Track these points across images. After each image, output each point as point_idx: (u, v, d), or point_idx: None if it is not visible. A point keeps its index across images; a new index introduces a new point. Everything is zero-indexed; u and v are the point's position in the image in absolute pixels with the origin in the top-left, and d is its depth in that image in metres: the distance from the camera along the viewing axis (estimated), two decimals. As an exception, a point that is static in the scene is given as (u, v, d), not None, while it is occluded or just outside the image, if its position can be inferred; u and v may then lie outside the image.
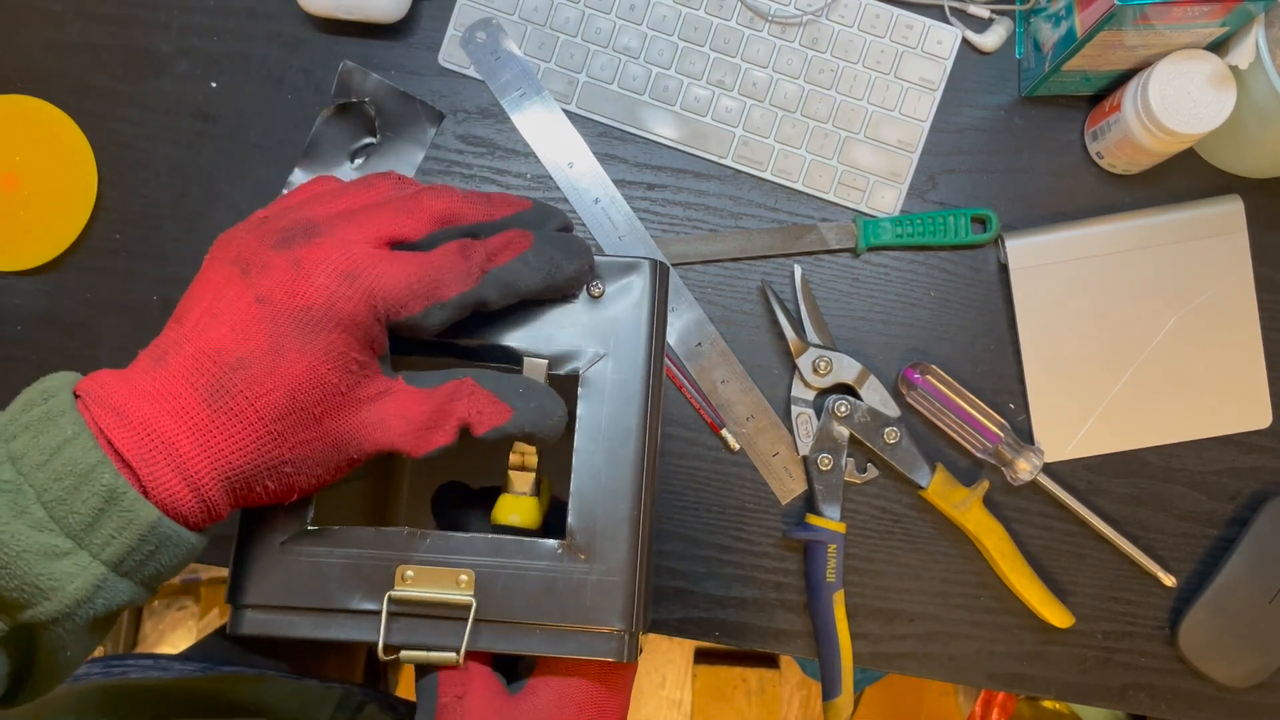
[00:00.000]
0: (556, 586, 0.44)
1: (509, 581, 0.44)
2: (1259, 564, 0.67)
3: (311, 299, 0.38)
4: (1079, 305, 0.68)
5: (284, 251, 0.39)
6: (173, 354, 0.38)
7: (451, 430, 0.42)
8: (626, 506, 0.45)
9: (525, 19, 0.70)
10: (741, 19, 0.70)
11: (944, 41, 0.70)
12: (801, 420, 0.68)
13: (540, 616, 0.44)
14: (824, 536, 0.66)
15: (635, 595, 0.44)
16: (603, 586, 0.44)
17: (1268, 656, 0.67)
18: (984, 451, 0.67)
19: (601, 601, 0.44)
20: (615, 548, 0.44)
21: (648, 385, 0.46)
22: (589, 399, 0.46)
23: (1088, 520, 0.68)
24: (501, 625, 0.44)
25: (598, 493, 0.45)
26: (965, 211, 0.69)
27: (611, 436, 0.45)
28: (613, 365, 0.46)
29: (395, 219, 0.42)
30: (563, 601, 0.44)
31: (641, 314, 0.47)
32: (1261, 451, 0.69)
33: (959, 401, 0.67)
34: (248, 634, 0.44)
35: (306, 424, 0.39)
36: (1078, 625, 0.68)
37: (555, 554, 0.44)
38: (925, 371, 0.67)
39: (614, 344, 0.46)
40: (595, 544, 0.44)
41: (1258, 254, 0.69)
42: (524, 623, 0.44)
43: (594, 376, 0.46)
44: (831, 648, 0.66)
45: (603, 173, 0.70)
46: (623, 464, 0.45)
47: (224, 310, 0.39)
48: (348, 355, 0.39)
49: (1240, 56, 0.61)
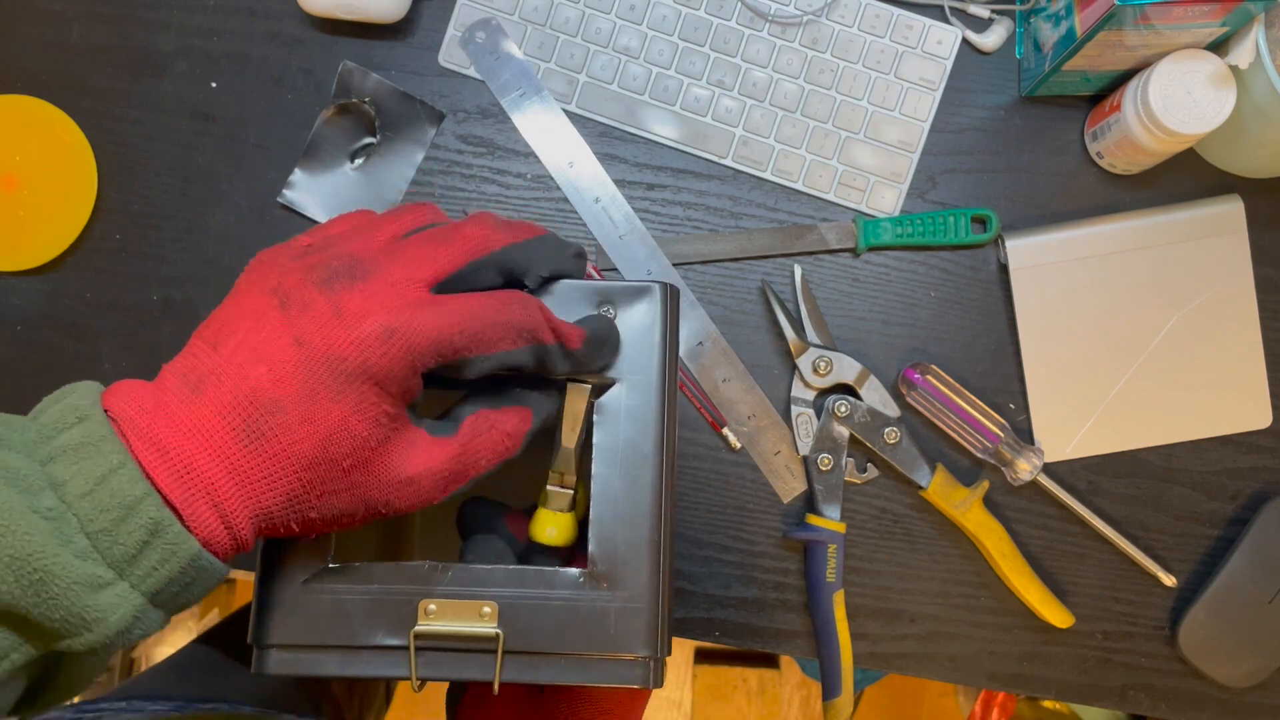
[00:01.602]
0: (580, 615, 0.44)
1: (532, 612, 0.44)
2: (1259, 564, 0.67)
3: (348, 351, 0.38)
4: (1079, 305, 0.68)
5: (326, 293, 0.39)
6: (211, 387, 0.38)
7: (478, 471, 0.42)
8: (646, 531, 0.45)
9: (525, 19, 0.70)
10: (741, 19, 0.70)
11: (944, 41, 0.70)
12: (802, 420, 0.68)
13: (565, 646, 0.43)
14: (824, 536, 0.66)
15: (659, 621, 0.44)
16: (626, 614, 0.44)
17: (1268, 656, 0.67)
18: (984, 451, 0.67)
19: (626, 629, 0.43)
20: (637, 574, 0.44)
21: (663, 409, 0.46)
22: (604, 425, 0.46)
23: (1088, 520, 0.68)
24: (526, 655, 0.44)
25: (617, 519, 0.45)
26: (965, 211, 0.69)
27: (629, 462, 0.45)
28: (626, 390, 0.46)
29: (436, 251, 0.41)
30: (587, 630, 0.43)
31: (654, 338, 0.46)
32: (1261, 451, 0.69)
33: (959, 401, 0.67)
34: (274, 674, 0.44)
35: (335, 475, 0.39)
36: (1078, 625, 0.68)
37: (577, 583, 0.44)
38: (925, 371, 0.67)
39: (626, 369, 0.46)
40: (617, 571, 0.44)
41: (1258, 254, 0.69)
42: (549, 652, 0.44)
43: (608, 403, 0.46)
44: (831, 647, 0.66)
45: (603, 172, 0.70)
46: (641, 489, 0.45)
47: (263, 346, 0.38)
48: (379, 408, 0.39)
49: (1240, 56, 0.61)
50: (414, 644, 0.43)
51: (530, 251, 0.44)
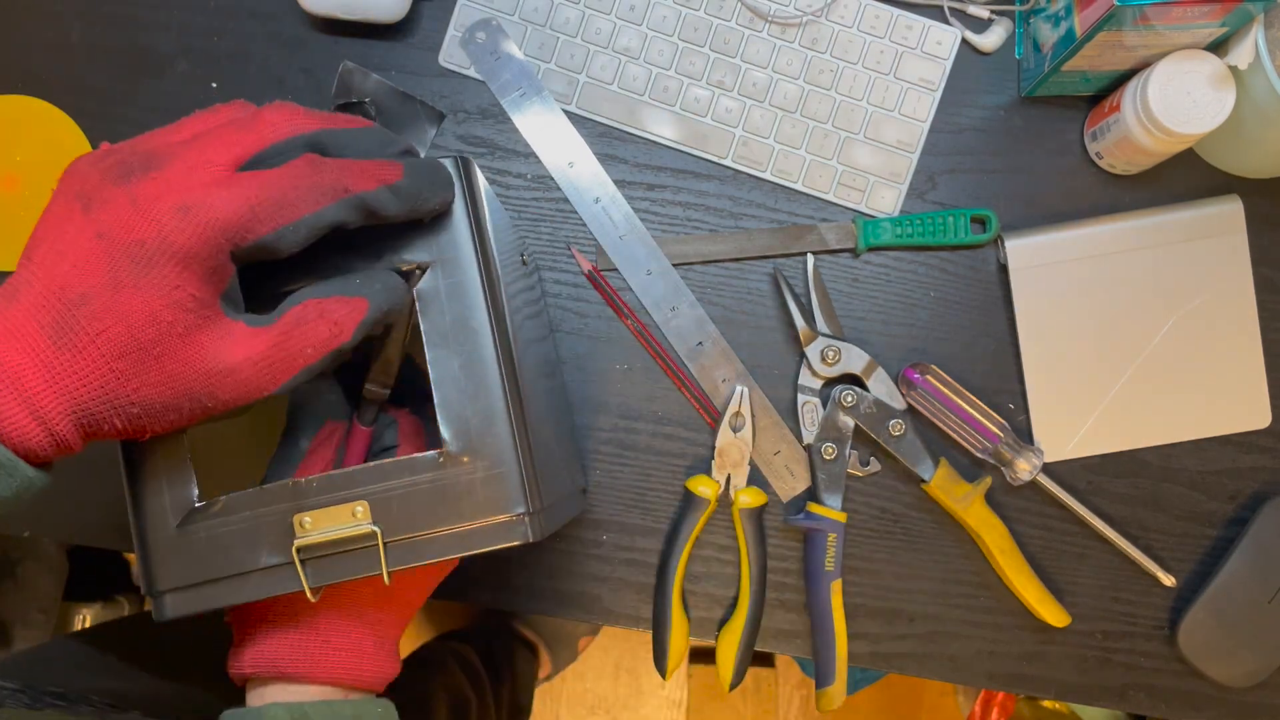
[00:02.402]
0: (448, 492, 0.45)
1: (402, 501, 0.45)
2: (1258, 564, 0.67)
3: (145, 234, 0.39)
4: (1079, 305, 0.68)
5: (123, 186, 0.39)
6: (23, 291, 0.39)
7: (305, 360, 0.42)
8: (495, 401, 0.45)
9: (525, 19, 0.70)
10: (741, 19, 0.70)
11: (943, 42, 0.70)
12: (807, 409, 0.68)
13: (442, 523, 0.45)
14: (825, 525, 0.66)
15: (526, 478, 0.45)
16: (491, 480, 0.45)
17: (1267, 656, 0.67)
18: (984, 451, 0.67)
19: (496, 494, 0.45)
20: (494, 441, 0.45)
21: (482, 280, 0.46)
22: (428, 311, 0.46)
23: (1087, 520, 0.68)
24: (408, 541, 0.45)
25: (462, 396, 0.45)
26: (965, 212, 0.69)
27: (461, 340, 0.46)
28: (442, 271, 0.46)
29: (235, 136, 0.41)
30: (459, 504, 0.45)
31: (457, 212, 0.46)
32: (1261, 451, 0.69)
33: (959, 401, 0.67)
34: (173, 617, 0.45)
35: (147, 364, 0.39)
36: (1078, 625, 0.69)
37: (438, 464, 0.45)
38: (925, 371, 0.67)
39: (438, 250, 0.46)
40: (474, 444, 0.45)
41: (1257, 254, 0.69)
42: (428, 534, 0.45)
43: (426, 289, 0.46)
44: (827, 635, 0.66)
45: (603, 173, 0.70)
46: (480, 363, 0.45)
47: (67, 247, 0.39)
48: (183, 291, 0.39)
49: (1240, 57, 0.61)
50: (298, 558, 0.44)
51: (345, 139, 0.44)
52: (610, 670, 1.38)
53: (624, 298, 0.69)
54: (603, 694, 1.38)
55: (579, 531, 0.69)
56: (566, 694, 1.37)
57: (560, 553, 0.69)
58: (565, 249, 0.70)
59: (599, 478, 0.69)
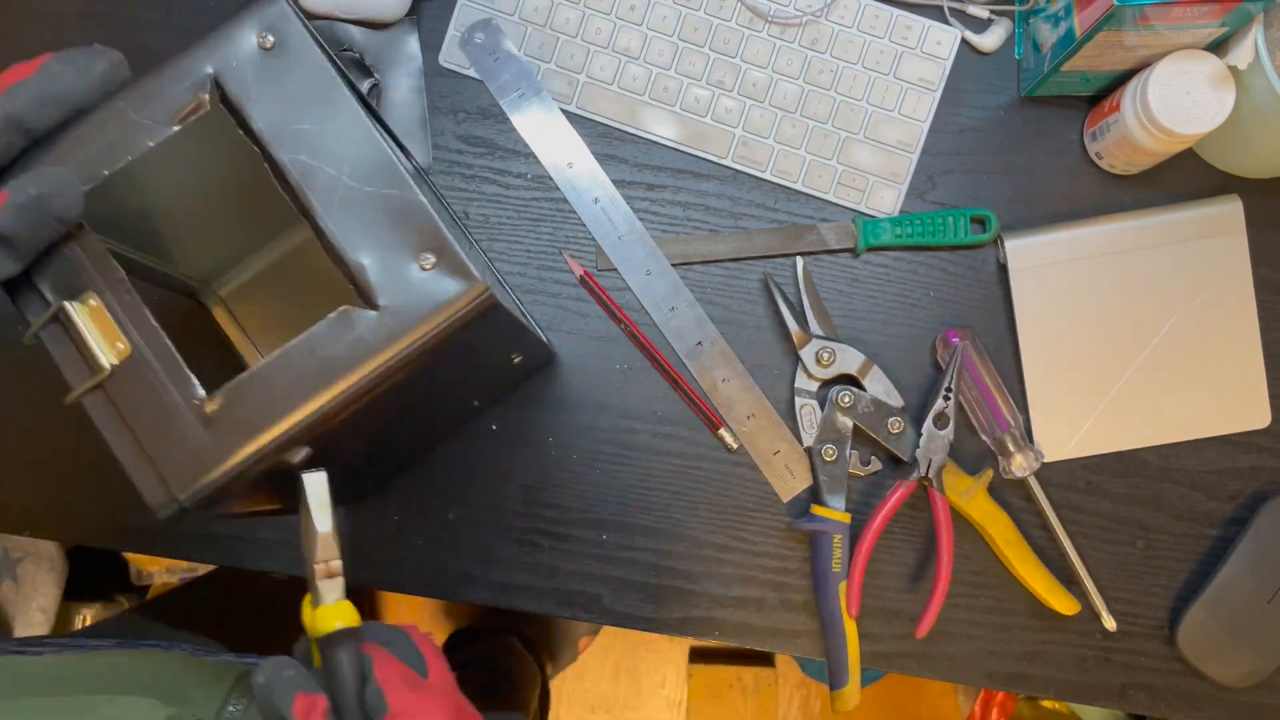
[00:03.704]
0: (173, 424, 0.43)
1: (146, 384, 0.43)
2: (1258, 564, 0.67)
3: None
4: (1078, 305, 0.68)
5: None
6: None
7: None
8: (271, 430, 0.43)
9: (525, 19, 0.70)
10: (741, 19, 0.70)
11: (943, 42, 0.70)
12: (805, 411, 0.68)
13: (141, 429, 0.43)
14: (829, 527, 0.66)
15: (210, 488, 0.42)
16: (197, 457, 0.43)
17: (1267, 656, 0.67)
18: (988, 434, 0.67)
19: (188, 467, 0.42)
20: (233, 445, 0.42)
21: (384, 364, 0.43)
22: (334, 325, 0.44)
23: (1057, 535, 0.68)
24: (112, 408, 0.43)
25: (263, 395, 0.43)
26: (965, 212, 0.69)
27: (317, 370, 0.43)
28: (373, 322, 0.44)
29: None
30: (166, 438, 0.43)
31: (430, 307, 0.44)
32: (1260, 451, 0.69)
33: (985, 378, 0.67)
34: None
35: None
36: (1078, 625, 0.68)
37: (192, 402, 0.43)
38: (966, 338, 0.67)
39: (394, 309, 0.44)
40: (224, 426, 0.43)
41: (1257, 254, 0.69)
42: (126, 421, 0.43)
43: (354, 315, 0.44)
44: (838, 638, 0.66)
45: (602, 173, 0.70)
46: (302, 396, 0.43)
47: None
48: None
49: (1240, 57, 0.61)
50: (54, 312, 0.43)
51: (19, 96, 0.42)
52: (610, 670, 1.38)
53: (623, 298, 0.69)
54: (603, 694, 1.38)
55: (579, 531, 0.69)
56: (566, 694, 1.37)
57: (560, 553, 0.69)
58: (561, 251, 0.70)
59: (599, 478, 0.69)
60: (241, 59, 0.45)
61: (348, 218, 0.44)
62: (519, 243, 0.70)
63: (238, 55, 0.45)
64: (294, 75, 0.45)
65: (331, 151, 0.44)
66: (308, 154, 0.44)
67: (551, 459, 0.69)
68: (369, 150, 0.45)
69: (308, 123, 0.45)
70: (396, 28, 0.69)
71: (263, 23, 0.45)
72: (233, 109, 0.45)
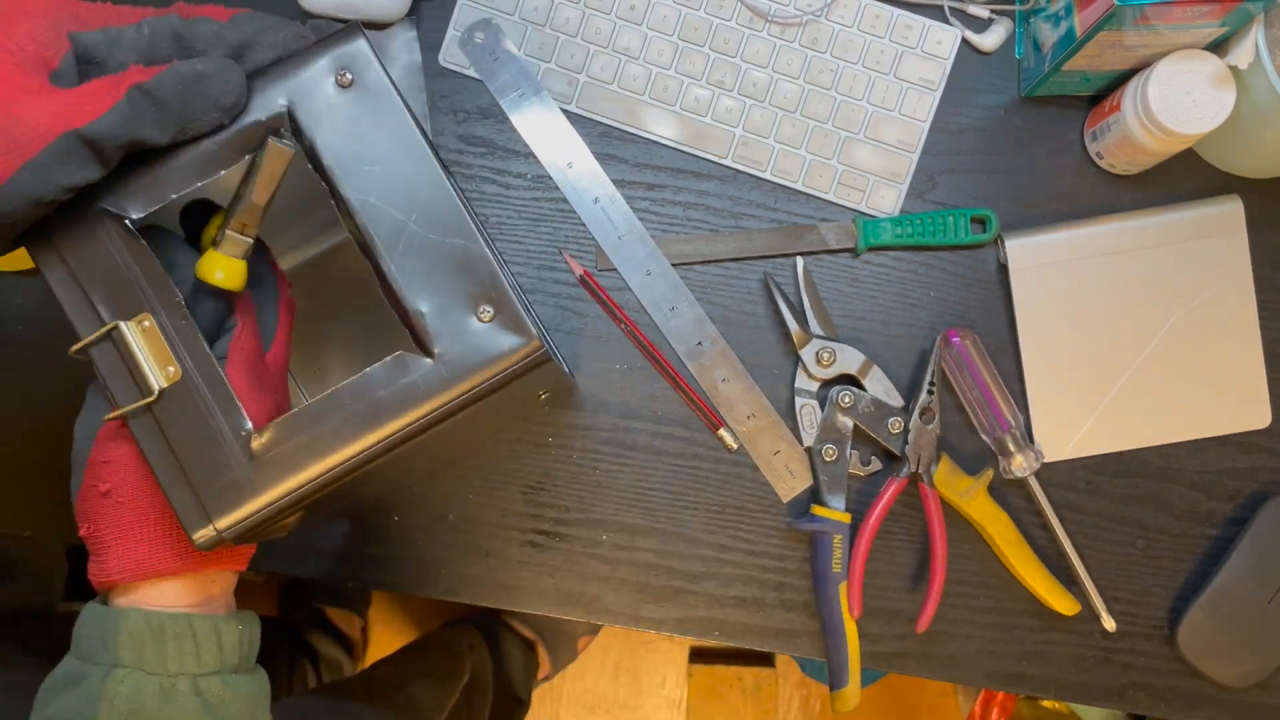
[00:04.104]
0: (217, 452, 0.44)
1: (194, 409, 0.44)
2: (1258, 564, 0.67)
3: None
4: (1079, 305, 0.68)
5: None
6: None
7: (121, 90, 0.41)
8: (314, 467, 0.43)
9: (525, 19, 0.70)
10: (741, 19, 0.70)
11: (944, 42, 0.70)
12: (805, 411, 0.68)
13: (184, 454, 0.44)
14: (829, 527, 0.66)
15: (250, 521, 0.43)
16: (238, 487, 0.43)
17: (1267, 656, 0.67)
18: (989, 434, 0.67)
19: (228, 496, 0.43)
20: (276, 479, 0.44)
21: (432, 412, 0.44)
22: (388, 369, 0.44)
23: (1057, 535, 0.68)
24: (157, 430, 0.44)
25: (310, 431, 0.44)
26: (965, 211, 0.69)
27: (366, 413, 0.44)
28: (428, 370, 0.44)
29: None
30: (209, 465, 0.44)
31: (484, 359, 0.45)
32: (1260, 451, 0.69)
33: (985, 377, 0.67)
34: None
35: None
36: (1078, 625, 0.68)
37: (239, 432, 0.44)
38: (966, 337, 0.67)
39: (449, 358, 0.45)
40: (269, 459, 0.43)
41: (1257, 254, 0.69)
42: (170, 445, 0.44)
43: (409, 361, 0.45)
44: (839, 638, 0.66)
45: (602, 172, 0.70)
46: (348, 437, 0.44)
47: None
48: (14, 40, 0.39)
49: (1240, 56, 0.61)
50: (105, 330, 0.43)
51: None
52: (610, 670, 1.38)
53: (623, 298, 0.69)
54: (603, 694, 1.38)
55: (579, 531, 0.69)
56: (566, 694, 1.37)
57: (560, 552, 0.69)
58: (561, 250, 0.70)
59: (599, 478, 0.69)
60: (317, 94, 0.45)
61: (411, 263, 0.44)
62: (519, 243, 0.70)
63: (313, 90, 0.45)
64: (368, 116, 0.45)
65: (400, 195, 0.45)
66: (376, 196, 0.45)
67: (551, 459, 0.69)
68: (438, 197, 0.45)
69: (379, 164, 0.45)
70: (396, 28, 0.69)
71: (341, 60, 0.45)
72: (304, 142, 0.45)
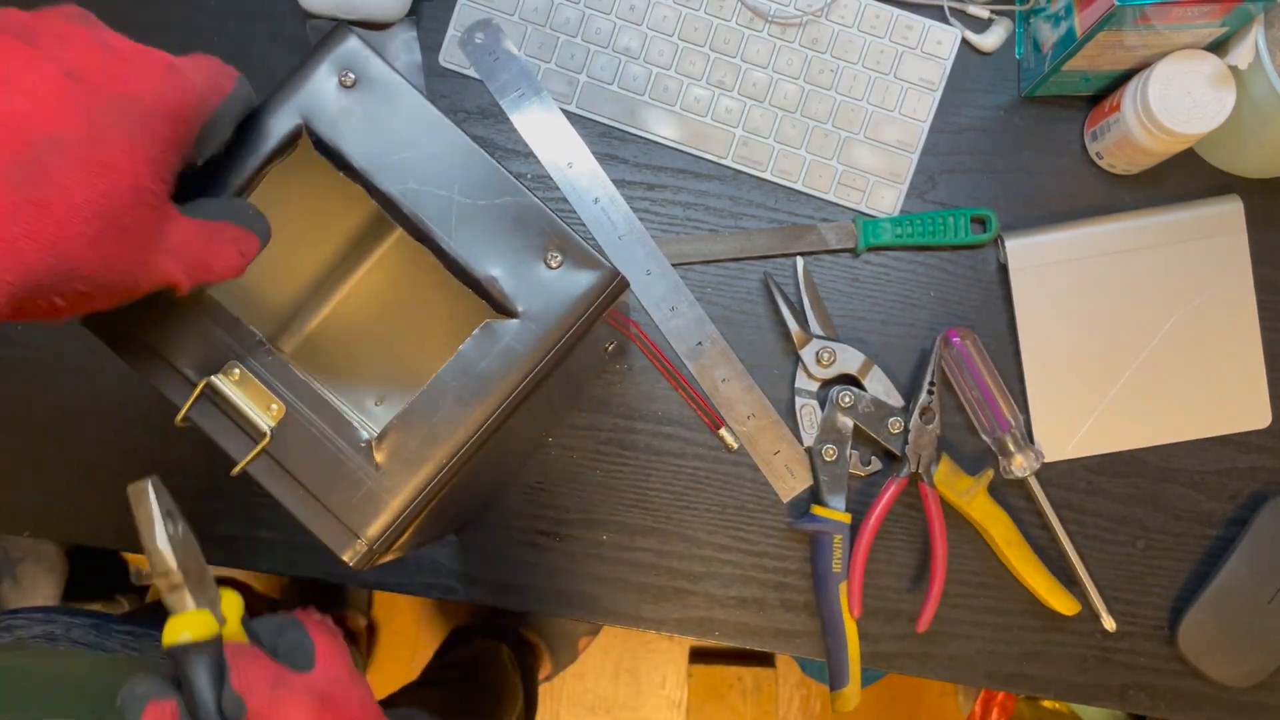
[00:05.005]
0: (342, 470, 0.44)
1: (307, 439, 0.44)
2: (1258, 564, 0.67)
3: (137, 86, 0.34)
4: (1079, 305, 0.68)
5: (79, 25, 0.34)
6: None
7: (210, 277, 0.39)
8: (440, 453, 0.44)
9: (525, 19, 0.70)
10: (741, 19, 0.70)
11: (944, 42, 0.70)
12: (805, 411, 0.68)
13: (311, 483, 0.44)
14: (830, 527, 0.66)
15: (397, 524, 0.44)
16: (374, 496, 0.44)
17: (1267, 656, 0.67)
18: (989, 434, 0.67)
19: (366, 508, 0.44)
20: (407, 477, 0.44)
21: (535, 368, 0.45)
22: (480, 341, 0.45)
23: (1057, 535, 0.68)
24: (279, 467, 0.44)
25: (426, 422, 0.44)
26: (965, 211, 0.69)
27: (473, 388, 0.45)
28: (517, 330, 0.45)
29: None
30: (339, 485, 0.44)
31: (568, 303, 0.45)
32: (1260, 451, 0.69)
33: (985, 377, 0.67)
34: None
35: (114, 234, 0.33)
36: (1078, 625, 0.69)
37: (358, 445, 0.44)
38: (966, 337, 0.67)
39: (533, 312, 0.45)
40: (396, 461, 0.44)
41: (1257, 254, 0.69)
42: (295, 478, 0.44)
43: (497, 327, 0.45)
44: (839, 638, 0.66)
45: (602, 173, 0.70)
46: (464, 416, 0.44)
47: (14, 77, 0.32)
48: (167, 158, 0.35)
49: (1240, 56, 0.61)
50: (201, 389, 0.43)
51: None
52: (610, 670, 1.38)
53: (624, 298, 0.69)
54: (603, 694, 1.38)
55: (579, 531, 0.69)
56: (566, 694, 1.37)
57: (560, 553, 0.69)
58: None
59: (599, 478, 0.69)
60: (326, 101, 0.45)
61: (468, 235, 0.45)
62: (519, 243, 0.70)
63: (322, 99, 0.45)
64: (382, 107, 0.45)
65: (437, 173, 0.45)
66: (415, 181, 0.45)
67: (551, 459, 0.69)
68: (473, 164, 0.45)
69: (407, 150, 0.45)
70: (396, 28, 0.69)
71: (339, 62, 0.45)
72: (328, 152, 0.45)
